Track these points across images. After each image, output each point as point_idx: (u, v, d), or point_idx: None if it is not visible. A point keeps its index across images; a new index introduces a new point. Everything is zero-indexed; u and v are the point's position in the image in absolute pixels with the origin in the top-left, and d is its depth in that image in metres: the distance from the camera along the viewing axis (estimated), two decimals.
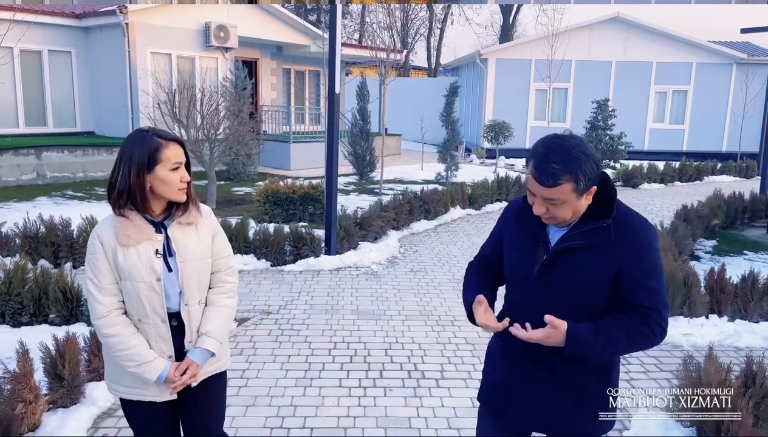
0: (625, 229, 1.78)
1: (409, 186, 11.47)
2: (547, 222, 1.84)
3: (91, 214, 6.67)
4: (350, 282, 6.27)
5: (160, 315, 2.07)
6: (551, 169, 1.70)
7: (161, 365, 2.06)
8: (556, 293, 1.82)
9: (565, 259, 1.80)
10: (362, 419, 3.58)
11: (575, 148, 1.72)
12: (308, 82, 20.05)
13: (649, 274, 1.78)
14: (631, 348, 1.85)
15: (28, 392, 3.19)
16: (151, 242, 2.03)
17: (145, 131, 2.06)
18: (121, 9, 13.01)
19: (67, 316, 4.77)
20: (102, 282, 2.01)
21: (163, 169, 1.99)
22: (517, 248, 1.95)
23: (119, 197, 1.99)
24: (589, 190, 1.74)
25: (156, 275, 2.03)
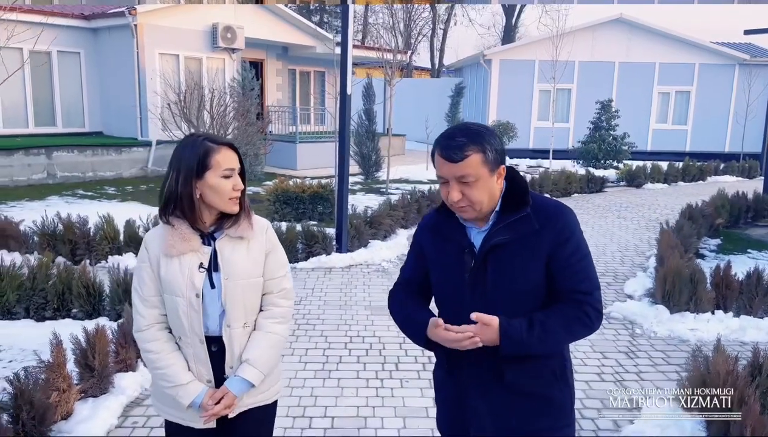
0: (547, 216, 1.74)
1: (416, 185, 11.58)
2: (463, 214, 1.75)
3: (107, 212, 6.82)
4: (362, 279, 6.40)
5: (198, 334, 1.90)
6: (457, 143, 1.66)
7: (196, 390, 1.90)
8: (492, 297, 1.72)
9: (494, 259, 1.72)
10: (381, 409, 3.71)
11: (475, 125, 1.73)
12: (313, 82, 20.19)
13: (578, 258, 1.73)
14: (570, 337, 1.76)
15: (62, 381, 3.32)
16: (197, 254, 1.89)
17: (197, 136, 1.95)
18: (130, 10, 13.15)
19: (90, 311, 4.90)
20: (145, 294, 1.91)
21: (214, 176, 1.86)
22: (442, 261, 1.83)
23: (167, 204, 1.89)
24: (498, 167, 1.70)
25: (195, 290, 1.87)
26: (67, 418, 3.35)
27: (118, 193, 11.38)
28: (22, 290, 4.88)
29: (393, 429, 3.49)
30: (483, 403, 1.79)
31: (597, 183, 13.29)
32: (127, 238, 6.67)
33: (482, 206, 1.72)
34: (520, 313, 1.70)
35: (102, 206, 9.48)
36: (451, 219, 1.82)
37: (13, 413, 3.07)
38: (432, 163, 1.78)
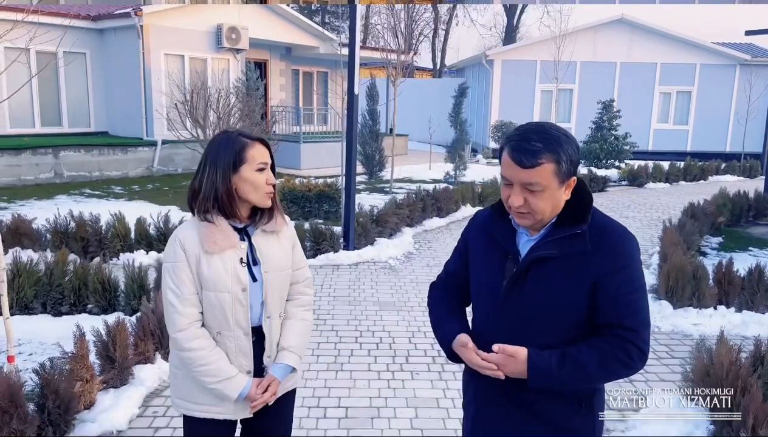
0: (603, 238, 1.60)
1: (420, 185, 11.68)
2: (521, 220, 1.64)
3: (119, 210, 6.93)
4: (369, 275, 6.50)
5: (243, 327, 1.94)
6: (531, 147, 1.53)
7: (243, 381, 1.94)
8: (527, 312, 1.62)
9: (536, 272, 1.61)
10: (393, 400, 3.82)
11: (554, 129, 1.58)
12: (316, 83, 20.31)
13: (630, 289, 1.58)
14: (606, 376, 1.62)
15: (85, 372, 3.43)
16: (235, 250, 1.92)
17: (230, 132, 1.98)
18: (136, 12, 13.27)
19: (105, 306, 5.01)
20: (184, 293, 1.89)
21: (249, 170, 1.90)
22: (484, 262, 1.75)
23: (205, 201, 1.90)
24: (569, 179, 1.59)
25: (242, 285, 1.92)
26: (89, 408, 3.46)
27: (125, 192, 11.49)
28: (39, 286, 4.99)
29: (405, 418, 3.60)
30: (498, 414, 1.72)
31: (599, 182, 13.38)
32: (138, 236, 6.77)
33: (544, 216, 1.61)
34: (552, 335, 1.61)
35: (110, 205, 9.59)
36: (503, 220, 1.72)
37: (40, 402, 3.18)
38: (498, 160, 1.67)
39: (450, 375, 4.18)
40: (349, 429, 3.46)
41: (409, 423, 3.55)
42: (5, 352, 4.15)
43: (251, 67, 13.98)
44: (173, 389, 2.04)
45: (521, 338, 1.61)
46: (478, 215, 1.85)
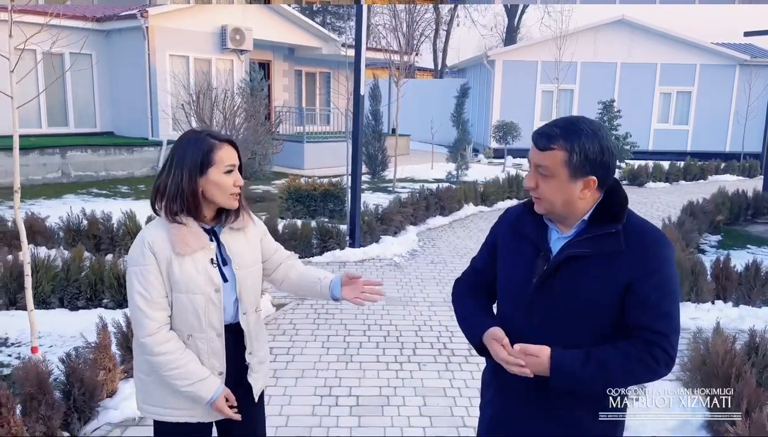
0: (638, 239, 1.57)
1: (423, 184, 11.83)
2: (536, 207, 1.66)
3: (130, 208, 7.08)
4: (375, 272, 6.66)
5: (216, 328, 1.92)
6: (549, 131, 1.57)
7: (215, 383, 1.91)
8: (555, 312, 1.61)
9: (567, 271, 1.59)
10: (401, 389, 3.97)
11: (583, 123, 1.58)
12: (319, 83, 20.48)
13: (663, 293, 1.55)
14: (629, 380, 1.60)
15: (108, 361, 3.58)
16: (206, 251, 1.89)
17: (198, 132, 1.94)
18: (142, 13, 13.43)
19: (120, 301, 5.16)
20: (153, 296, 1.83)
21: (217, 172, 1.87)
22: (513, 259, 1.72)
23: (172, 202, 1.86)
24: (585, 175, 1.56)
25: (215, 286, 1.89)
26: (112, 396, 3.61)
27: (132, 191, 11.65)
28: (57, 281, 5.14)
29: (414, 406, 3.75)
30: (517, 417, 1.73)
31: None
32: None
33: (553, 206, 1.61)
34: (580, 335, 1.58)
35: (117, 204, 9.73)
36: (534, 217, 1.70)
37: (66, 390, 3.33)
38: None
39: (456, 366, 4.33)
40: (360, 416, 3.61)
41: (417, 410, 3.70)
42: (27, 345, 4.33)
43: (255, 67, 14.15)
44: (141, 396, 1.99)
45: (548, 337, 1.59)
46: (509, 211, 1.84)
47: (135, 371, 2.03)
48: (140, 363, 1.97)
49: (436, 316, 5.34)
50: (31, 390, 3.11)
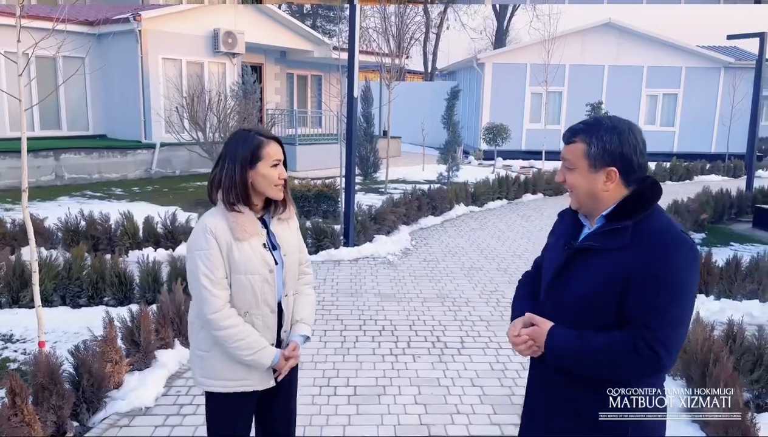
0: (648, 237, 1.62)
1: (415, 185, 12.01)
2: (571, 202, 1.80)
3: (128, 210, 7.20)
4: (369, 270, 6.81)
5: (270, 305, 2.16)
6: (575, 126, 1.74)
7: (273, 350, 2.16)
8: (565, 300, 1.73)
9: (581, 262, 1.70)
10: (397, 379, 4.13)
11: (607, 119, 1.72)
12: (310, 86, 20.62)
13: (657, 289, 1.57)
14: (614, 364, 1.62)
15: (115, 354, 3.72)
16: (259, 237, 2.13)
17: (248, 130, 2.17)
18: (135, 17, 13.52)
19: (122, 299, 5.29)
20: (217, 277, 2.05)
21: (264, 166, 2.09)
22: (551, 251, 1.91)
23: (228, 193, 2.09)
24: (604, 166, 1.66)
25: (269, 267, 2.13)
26: (118, 387, 3.74)
27: (126, 193, 11.73)
28: (59, 279, 5.26)
29: (409, 395, 3.90)
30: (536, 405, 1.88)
31: None
32: (146, 234, 7.04)
33: (579, 197, 1.74)
34: (584, 325, 1.67)
35: (112, 206, 9.83)
36: (573, 216, 1.85)
37: (75, 381, 3.46)
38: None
39: (449, 357, 4.49)
40: (358, 405, 3.76)
41: (413, 399, 3.86)
42: (32, 341, 4.45)
43: (248, 70, 14.27)
44: (200, 370, 2.19)
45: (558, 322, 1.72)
46: (561, 212, 1.98)
47: (193, 348, 2.24)
48: (199, 340, 2.19)
49: (429, 311, 5.51)
50: (43, 381, 3.24)
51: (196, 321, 2.19)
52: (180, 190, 12.40)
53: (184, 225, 7.22)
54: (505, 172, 13.39)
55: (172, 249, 6.91)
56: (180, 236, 7.08)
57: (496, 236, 8.76)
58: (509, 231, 9.11)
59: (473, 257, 7.52)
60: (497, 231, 9.09)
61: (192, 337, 2.23)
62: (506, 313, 5.51)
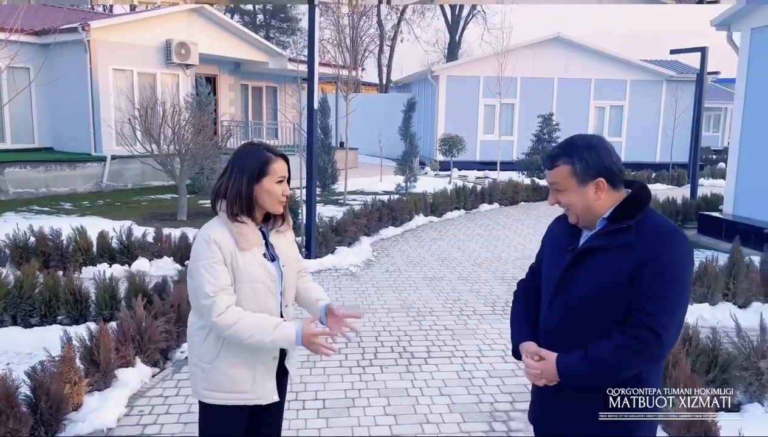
0: (649, 233, 1.73)
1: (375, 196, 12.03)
2: (570, 219, 1.89)
3: (80, 224, 6.97)
4: (332, 281, 6.78)
5: (274, 313, 2.17)
6: (552, 153, 1.86)
7: (290, 324, 2.11)
8: (573, 299, 1.80)
9: (587, 263, 1.79)
10: (366, 391, 4.12)
11: (580, 140, 1.84)
12: (265, 97, 20.48)
13: (658, 280, 1.68)
14: (626, 367, 1.72)
15: (73, 374, 3.58)
16: (259, 247, 2.16)
17: (257, 145, 2.21)
18: (84, 26, 13.16)
19: (77, 317, 5.11)
20: (223, 284, 2.06)
21: (270, 181, 2.13)
22: (550, 257, 1.97)
23: (233, 204, 2.11)
24: (593, 178, 1.78)
25: (271, 276, 2.16)
26: (77, 409, 3.61)
27: (76, 208, 11.35)
28: (9, 298, 5.04)
29: (379, 407, 3.90)
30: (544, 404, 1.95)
31: (542, 192, 14.09)
32: (100, 249, 6.83)
33: (577, 212, 1.84)
34: (594, 323, 1.76)
35: (61, 221, 9.47)
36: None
37: (32, 403, 3.32)
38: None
39: (416, 367, 4.51)
40: (328, 418, 3.73)
41: (382, 410, 3.86)
42: None
43: (202, 82, 14.06)
44: (203, 384, 2.17)
45: (566, 323, 1.82)
46: (555, 219, 2.07)
47: (194, 360, 2.21)
48: (202, 352, 2.18)
49: (394, 322, 5.52)
50: None
51: (198, 333, 2.18)
52: (133, 203, 12.08)
53: (141, 239, 7.04)
54: (461, 183, 13.58)
55: (128, 264, 6.72)
56: (136, 251, 6.89)
57: (456, 246, 8.87)
58: (469, 241, 9.23)
59: (435, 267, 7.59)
60: (457, 241, 9.20)
61: (193, 350, 2.22)
62: (470, 322, 5.58)
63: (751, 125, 9.64)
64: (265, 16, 39.77)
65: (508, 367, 4.55)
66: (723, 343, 4.00)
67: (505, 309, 5.97)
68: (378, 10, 34.71)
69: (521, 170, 17.78)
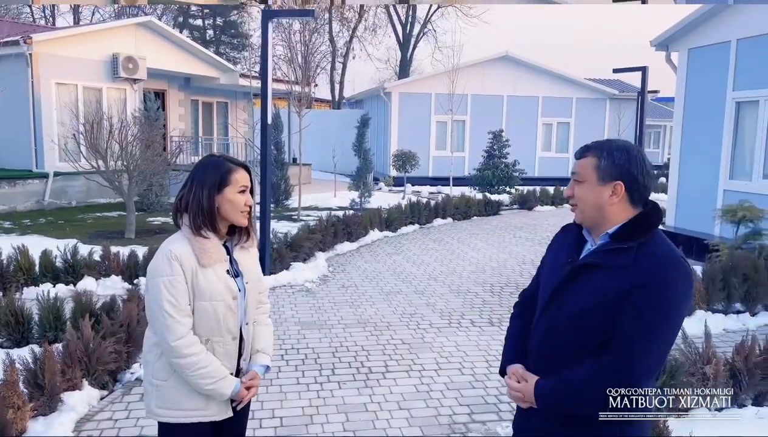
0: (648, 259, 1.65)
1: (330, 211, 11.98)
2: (575, 216, 1.85)
3: (22, 243, 6.68)
4: (288, 298, 6.70)
5: (233, 332, 2.13)
6: (587, 144, 1.83)
7: (233, 380, 2.12)
8: (564, 312, 1.76)
9: (583, 278, 1.74)
10: (324, 407, 4.07)
11: (618, 140, 1.81)
12: (216, 113, 20.22)
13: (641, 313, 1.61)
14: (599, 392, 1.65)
15: (17, 399, 3.41)
16: (222, 263, 2.10)
17: (216, 157, 2.19)
18: (26, 39, 12.72)
19: (18, 339, 4.88)
20: (181, 303, 2.02)
21: (232, 191, 2.09)
22: (551, 266, 1.92)
23: (196, 216, 2.07)
24: (612, 179, 1.73)
25: (233, 294, 2.11)
26: (21, 435, 3.42)
27: (15, 226, 10.87)
28: None
29: (337, 423, 3.86)
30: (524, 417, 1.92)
31: (493, 206, 14.34)
32: (43, 269, 6.55)
33: (585, 210, 1.79)
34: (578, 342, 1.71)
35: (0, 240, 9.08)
36: (576, 231, 1.90)
37: None
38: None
39: (374, 382, 4.49)
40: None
41: (341, 426, 3.81)
42: None
43: (151, 97, 13.78)
44: (156, 400, 2.11)
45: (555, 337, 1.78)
46: (562, 228, 2.03)
47: (149, 378, 2.15)
48: (156, 369, 2.12)
49: (351, 337, 5.48)
50: None
51: (153, 350, 2.13)
52: (77, 221, 11.66)
53: (87, 258, 6.79)
54: (415, 198, 13.68)
55: (73, 284, 6.47)
56: (82, 270, 6.65)
57: (411, 260, 8.91)
58: (423, 255, 9.29)
59: (391, 281, 7.60)
60: (412, 255, 9.25)
61: (148, 367, 2.16)
62: (427, 335, 5.60)
63: (689, 142, 10.10)
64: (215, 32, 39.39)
65: (465, 379, 4.58)
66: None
67: (461, 321, 6.03)
68: (330, 27, 34.88)
69: (473, 185, 18.06)
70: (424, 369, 4.78)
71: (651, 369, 1.67)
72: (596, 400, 1.66)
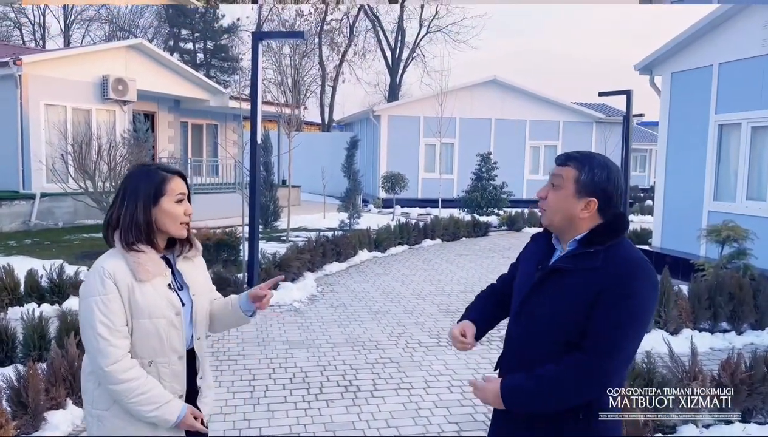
0: (615, 263, 1.72)
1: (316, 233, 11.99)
2: (542, 219, 1.90)
3: (8, 263, 6.62)
4: (276, 318, 6.67)
5: (178, 351, 1.98)
6: (570, 152, 1.87)
7: (179, 405, 1.96)
8: (535, 316, 1.81)
9: (552, 283, 1.79)
10: (311, 426, 4.04)
11: (600, 156, 1.85)
12: (206, 135, 20.27)
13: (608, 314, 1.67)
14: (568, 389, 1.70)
15: (0, 416, 3.35)
16: (163, 277, 1.97)
17: (148, 166, 2.05)
18: (15, 61, 12.74)
19: (2, 358, 4.80)
20: (116, 324, 1.86)
21: (169, 202, 1.96)
22: (522, 271, 1.99)
23: (128, 233, 1.92)
24: (588, 195, 1.79)
25: (175, 309, 1.96)
26: None
27: (1, 247, 10.76)
28: None
29: None
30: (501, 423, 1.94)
31: (482, 228, 14.40)
32: (28, 288, 6.49)
33: (553, 215, 1.85)
34: (555, 345, 1.74)
35: None
36: (546, 239, 1.96)
37: None
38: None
39: (363, 400, 4.46)
40: None
41: None
42: None
43: (141, 118, 13.80)
44: (98, 431, 1.96)
45: (526, 341, 1.83)
46: (532, 236, 2.09)
47: (88, 408, 1.99)
48: (96, 398, 1.96)
49: (340, 356, 5.46)
50: None
51: (91, 377, 1.96)
52: (64, 242, 11.57)
53: (73, 278, 6.74)
54: (404, 219, 13.72)
55: (59, 304, 6.40)
56: (68, 290, 6.59)
57: (400, 280, 8.91)
58: (412, 275, 9.30)
59: (379, 301, 7.59)
60: (401, 276, 9.25)
61: (87, 396, 1.99)
62: (415, 354, 5.59)
63: (674, 164, 10.25)
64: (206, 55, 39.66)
65: (454, 397, 4.56)
66: (657, 367, 4.16)
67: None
68: (320, 51, 35.25)
69: (462, 207, 18.15)
70: (412, 387, 4.76)
71: (620, 366, 1.73)
72: (566, 397, 1.70)
